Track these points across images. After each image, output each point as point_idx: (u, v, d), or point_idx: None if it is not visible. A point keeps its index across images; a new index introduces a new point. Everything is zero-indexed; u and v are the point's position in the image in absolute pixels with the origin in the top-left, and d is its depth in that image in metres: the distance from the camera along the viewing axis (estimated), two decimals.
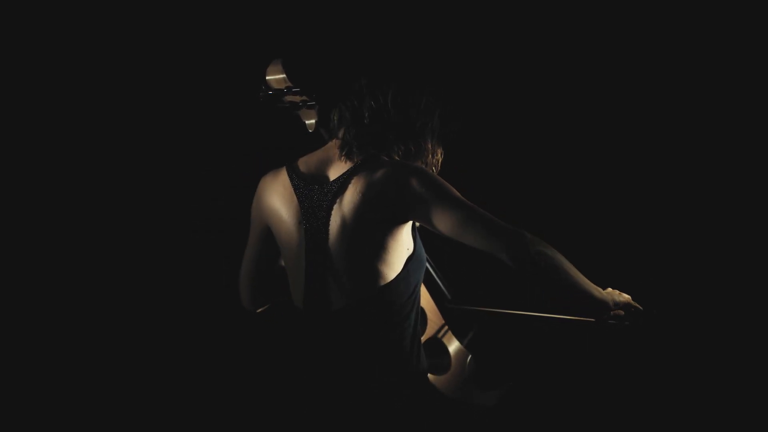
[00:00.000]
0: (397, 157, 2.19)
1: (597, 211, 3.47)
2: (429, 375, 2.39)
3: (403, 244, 2.14)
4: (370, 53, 2.24)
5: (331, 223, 2.15)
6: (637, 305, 2.19)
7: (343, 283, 2.14)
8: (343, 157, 2.18)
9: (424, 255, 2.26)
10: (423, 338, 2.46)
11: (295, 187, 2.21)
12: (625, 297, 2.20)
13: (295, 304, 2.23)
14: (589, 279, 2.12)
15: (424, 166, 2.22)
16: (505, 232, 2.02)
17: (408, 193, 2.08)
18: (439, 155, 2.27)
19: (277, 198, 2.24)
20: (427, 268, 2.43)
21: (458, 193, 2.09)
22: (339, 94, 2.22)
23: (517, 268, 2.01)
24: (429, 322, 2.48)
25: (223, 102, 3.48)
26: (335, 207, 2.15)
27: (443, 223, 2.06)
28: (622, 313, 2.16)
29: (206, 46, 3.49)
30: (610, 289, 2.20)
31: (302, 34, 3.44)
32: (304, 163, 2.25)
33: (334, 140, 2.25)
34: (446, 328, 2.50)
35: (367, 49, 2.25)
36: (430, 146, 2.23)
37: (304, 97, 2.35)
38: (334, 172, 2.19)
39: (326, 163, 2.22)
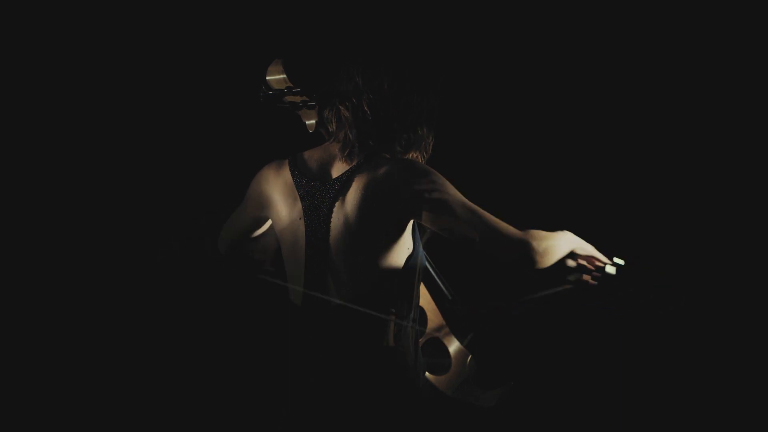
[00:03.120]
0: (399, 148, 2.19)
1: (611, 207, 3.45)
2: (429, 375, 2.40)
3: (403, 244, 2.15)
4: (363, 48, 2.23)
5: (332, 220, 2.15)
6: (603, 257, 2.17)
7: (343, 281, 2.14)
8: (345, 156, 2.18)
9: (424, 255, 2.26)
10: (423, 338, 2.46)
11: (297, 184, 2.21)
12: (588, 250, 2.18)
13: (293, 301, 2.24)
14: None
15: (423, 154, 2.23)
16: (509, 240, 2.03)
17: (410, 192, 2.08)
18: (431, 140, 2.26)
19: (278, 194, 2.24)
20: (427, 267, 2.43)
21: (460, 194, 2.09)
22: (336, 94, 2.22)
23: (521, 271, 2.05)
24: (429, 322, 2.48)
25: (224, 102, 3.48)
26: (337, 205, 2.15)
27: (444, 223, 2.06)
28: (585, 263, 2.16)
29: (207, 47, 3.49)
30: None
31: (303, 34, 3.44)
32: (306, 159, 2.25)
33: (334, 140, 2.25)
34: (446, 328, 2.50)
35: (362, 45, 2.24)
36: (425, 132, 2.23)
37: (304, 98, 2.35)
38: (337, 170, 2.19)
39: (328, 161, 2.22)
